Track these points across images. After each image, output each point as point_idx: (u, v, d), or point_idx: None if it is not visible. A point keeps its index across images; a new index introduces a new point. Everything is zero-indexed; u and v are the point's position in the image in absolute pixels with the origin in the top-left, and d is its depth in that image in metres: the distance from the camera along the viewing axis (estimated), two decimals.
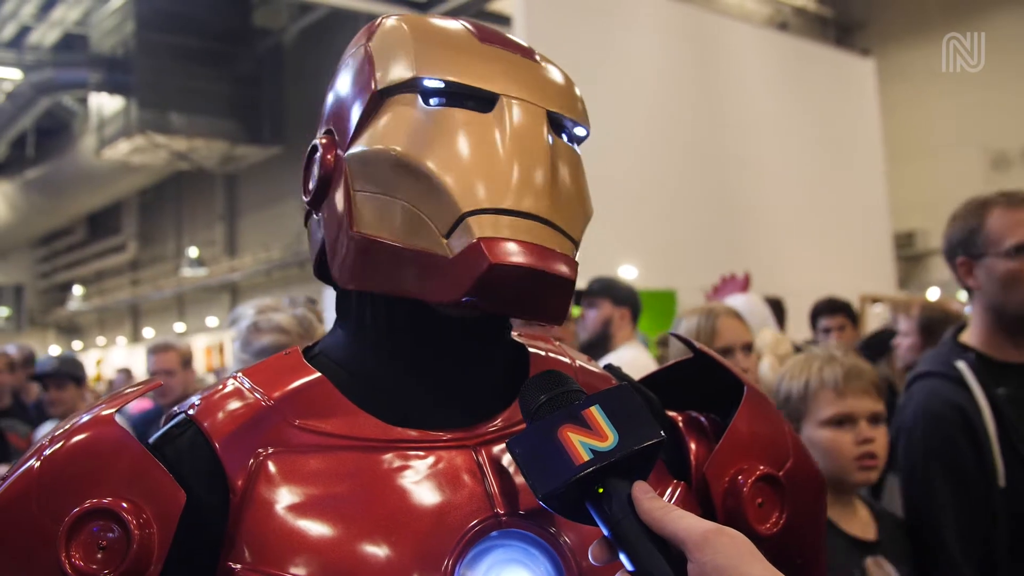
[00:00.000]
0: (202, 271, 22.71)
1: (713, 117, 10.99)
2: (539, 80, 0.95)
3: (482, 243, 0.83)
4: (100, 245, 28.68)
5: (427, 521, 0.87)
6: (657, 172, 10.05)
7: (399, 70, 0.92)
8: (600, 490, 0.80)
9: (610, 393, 0.84)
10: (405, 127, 0.90)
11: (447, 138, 0.88)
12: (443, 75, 0.90)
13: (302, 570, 0.83)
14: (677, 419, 1.12)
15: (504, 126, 0.89)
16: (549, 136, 0.91)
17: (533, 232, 0.86)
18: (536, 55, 0.98)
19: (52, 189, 23.20)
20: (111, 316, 29.89)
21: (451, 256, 0.85)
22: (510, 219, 0.86)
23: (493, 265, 0.83)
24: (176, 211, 26.10)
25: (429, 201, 0.87)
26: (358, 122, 0.93)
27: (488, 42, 0.95)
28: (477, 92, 0.91)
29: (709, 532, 0.74)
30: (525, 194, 0.87)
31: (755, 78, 11.79)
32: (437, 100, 0.91)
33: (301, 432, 0.90)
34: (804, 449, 1.15)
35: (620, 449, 0.80)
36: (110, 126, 19.09)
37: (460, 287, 0.85)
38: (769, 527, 1.03)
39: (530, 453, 0.81)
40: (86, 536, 0.82)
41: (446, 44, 0.94)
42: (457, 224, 0.85)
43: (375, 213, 0.90)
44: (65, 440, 0.88)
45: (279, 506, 0.86)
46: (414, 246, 0.87)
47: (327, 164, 0.95)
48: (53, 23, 19.02)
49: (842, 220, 11.99)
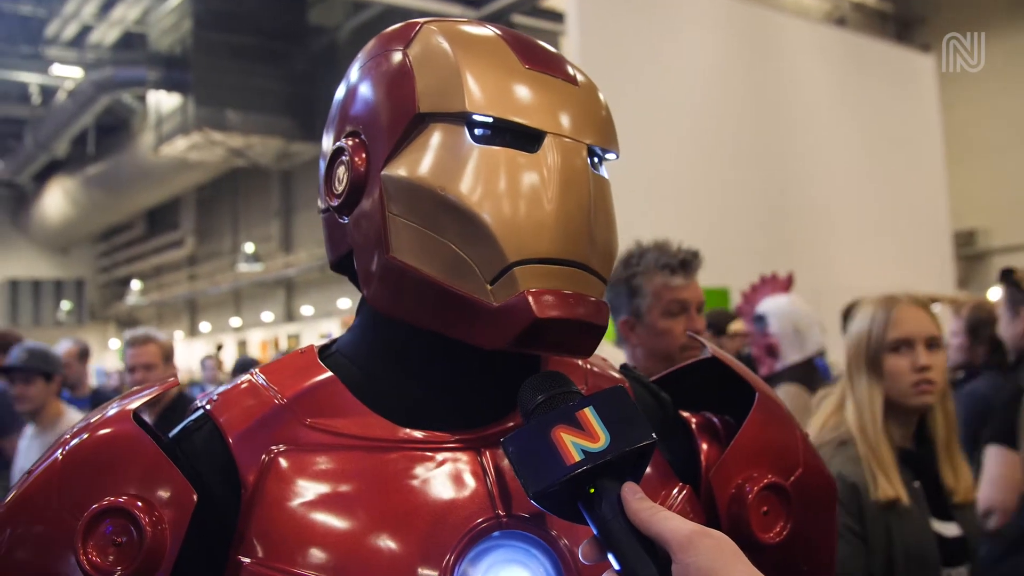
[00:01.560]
0: (258, 266, 22.96)
1: (768, 114, 10.88)
2: (581, 110, 0.95)
3: (529, 296, 0.85)
4: (158, 241, 29.13)
5: (430, 520, 0.89)
6: (711, 169, 9.97)
7: (446, 98, 0.91)
8: (592, 490, 0.81)
9: (604, 395, 0.86)
10: (451, 164, 0.89)
11: (494, 180, 0.88)
12: (492, 111, 0.90)
13: (308, 565, 0.86)
14: (691, 420, 1.12)
15: (550, 168, 0.90)
16: (589, 174, 0.92)
17: (573, 280, 0.89)
18: (577, 77, 0.98)
19: (112, 185, 23.60)
20: (169, 310, 30.36)
21: (496, 305, 0.87)
22: (553, 268, 0.88)
23: (538, 319, 0.85)
24: (232, 207, 26.42)
25: (475, 246, 0.88)
26: (396, 141, 0.93)
27: (533, 66, 0.94)
28: (524, 128, 0.90)
29: (694, 534, 0.75)
30: (568, 241, 0.89)
31: (812, 75, 11.64)
32: (483, 132, 0.90)
33: (312, 431, 0.93)
34: (816, 457, 1.14)
35: (611, 450, 0.81)
36: (168, 123, 19.37)
37: (504, 337, 0.87)
38: (772, 536, 1.04)
39: (523, 452, 0.83)
40: (101, 533, 0.85)
41: (493, 71, 0.92)
42: (503, 273, 0.87)
43: (415, 244, 0.91)
44: (86, 435, 0.91)
45: (288, 503, 0.89)
46: (457, 288, 0.88)
47: (358, 172, 0.95)
48: (113, 22, 19.34)
49: (900, 218, 11.81)
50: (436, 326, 0.92)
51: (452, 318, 0.90)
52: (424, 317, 0.93)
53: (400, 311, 0.95)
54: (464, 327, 0.90)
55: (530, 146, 0.90)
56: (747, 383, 1.12)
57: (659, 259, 2.48)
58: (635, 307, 2.49)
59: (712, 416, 1.13)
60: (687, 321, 2.46)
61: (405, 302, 0.93)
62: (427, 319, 0.92)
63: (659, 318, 2.46)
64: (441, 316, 0.91)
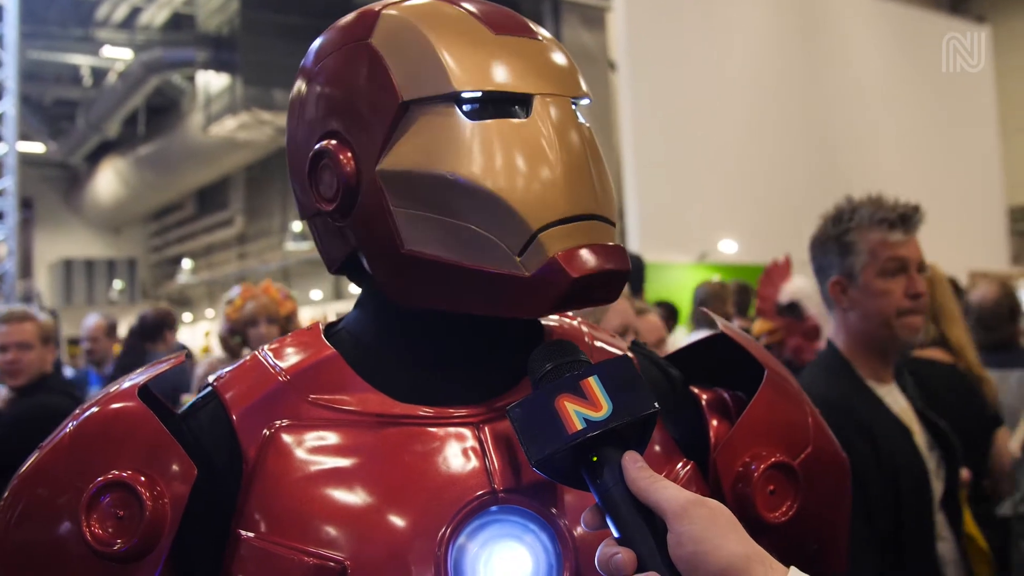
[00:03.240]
0: (305, 245, 23.13)
1: (819, 88, 10.73)
2: (554, 65, 0.96)
3: (560, 259, 0.87)
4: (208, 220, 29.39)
5: (427, 494, 0.90)
6: (760, 145, 9.87)
7: (429, 82, 0.91)
8: (595, 459, 0.82)
9: (609, 364, 0.87)
10: (452, 145, 0.89)
11: (497, 153, 0.88)
12: (479, 85, 0.90)
13: (307, 538, 0.87)
14: (701, 396, 1.12)
15: (546, 129, 0.90)
16: (581, 125, 0.94)
17: (594, 233, 0.91)
18: (536, 32, 0.98)
19: (162, 166, 23.83)
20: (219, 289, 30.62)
21: (528, 275, 0.87)
22: (572, 226, 0.89)
23: (574, 279, 0.86)
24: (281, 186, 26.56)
25: (495, 222, 0.88)
26: (385, 134, 0.92)
27: (502, 31, 0.94)
28: (512, 96, 0.91)
29: (689, 502, 0.76)
30: (579, 196, 0.90)
31: (864, 47, 11.46)
32: (471, 107, 0.90)
33: (313, 407, 0.95)
34: (827, 434, 1.14)
35: (613, 419, 0.82)
36: (216, 103, 19.51)
37: (545, 303, 0.88)
38: (778, 515, 1.03)
39: (527, 420, 0.84)
40: (104, 506, 0.88)
41: (466, 45, 0.92)
42: (530, 242, 0.87)
43: (429, 233, 0.90)
44: (95, 410, 0.95)
45: (287, 477, 0.91)
46: (486, 267, 0.88)
47: (350, 173, 0.93)
48: (162, 4, 19.50)
49: (953, 194, 11.62)
50: (473, 309, 0.93)
51: (486, 298, 0.91)
52: (456, 303, 0.93)
53: (427, 302, 0.95)
54: (503, 304, 0.90)
55: (521, 111, 0.91)
56: (756, 360, 1.11)
57: (874, 214, 2.29)
58: (847, 266, 2.30)
59: (724, 393, 1.13)
60: (907, 282, 2.26)
61: (431, 292, 0.94)
62: (460, 304, 0.93)
63: (875, 278, 2.26)
64: (474, 299, 0.91)
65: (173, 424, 0.95)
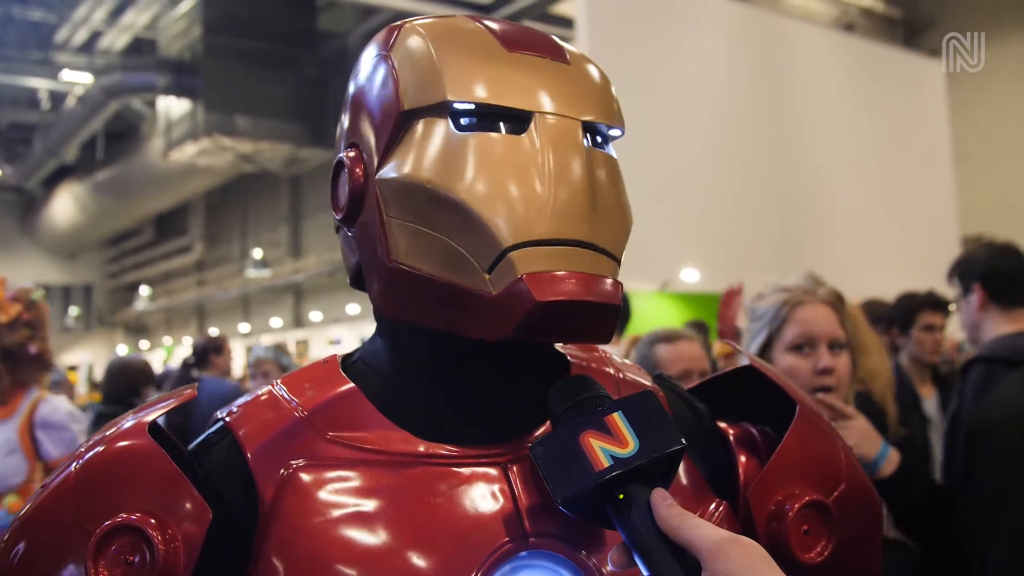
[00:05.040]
0: (266, 272, 22.99)
1: (778, 119, 10.86)
2: (572, 87, 0.91)
3: (526, 280, 0.82)
4: (167, 246, 29.18)
5: (455, 539, 0.86)
6: (721, 175, 9.96)
7: (427, 91, 0.88)
8: (621, 496, 0.80)
9: (633, 400, 0.84)
10: (437, 156, 0.86)
11: (482, 167, 0.85)
12: (473, 96, 0.87)
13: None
14: (728, 432, 1.09)
15: (540, 147, 0.86)
16: (586, 150, 0.88)
17: (576, 260, 0.84)
18: (567, 54, 0.94)
19: (121, 191, 23.64)
20: (177, 316, 30.40)
21: (495, 294, 0.83)
22: (552, 249, 0.84)
23: (539, 303, 0.81)
24: (241, 213, 26.46)
25: (469, 236, 0.84)
26: (386, 143, 0.90)
27: (516, 48, 0.91)
28: (510, 111, 0.87)
29: (723, 541, 0.74)
30: (566, 220, 0.84)
31: (821, 80, 11.63)
32: (468, 120, 0.87)
33: (332, 444, 0.90)
34: (860, 471, 1.10)
35: (640, 456, 0.80)
36: (177, 129, 19.41)
37: (506, 325, 0.83)
38: (813, 556, 1.00)
39: (551, 458, 0.81)
40: (113, 551, 0.83)
41: (472, 57, 0.89)
42: (499, 260, 0.83)
43: (412, 244, 0.88)
44: (101, 448, 0.89)
45: (307, 520, 0.86)
46: (456, 282, 0.85)
47: (356, 182, 0.93)
48: (123, 28, 19.42)
49: (909, 223, 11.79)
50: (440, 324, 0.89)
51: (454, 314, 0.87)
52: (428, 317, 0.90)
53: (406, 315, 0.92)
54: (467, 321, 0.87)
55: (518, 128, 0.87)
56: (787, 394, 1.07)
57: None
58: None
59: (751, 428, 1.09)
60: None
61: (410, 305, 0.91)
62: (431, 318, 0.90)
63: None
64: (444, 313, 0.88)
65: (184, 462, 0.90)
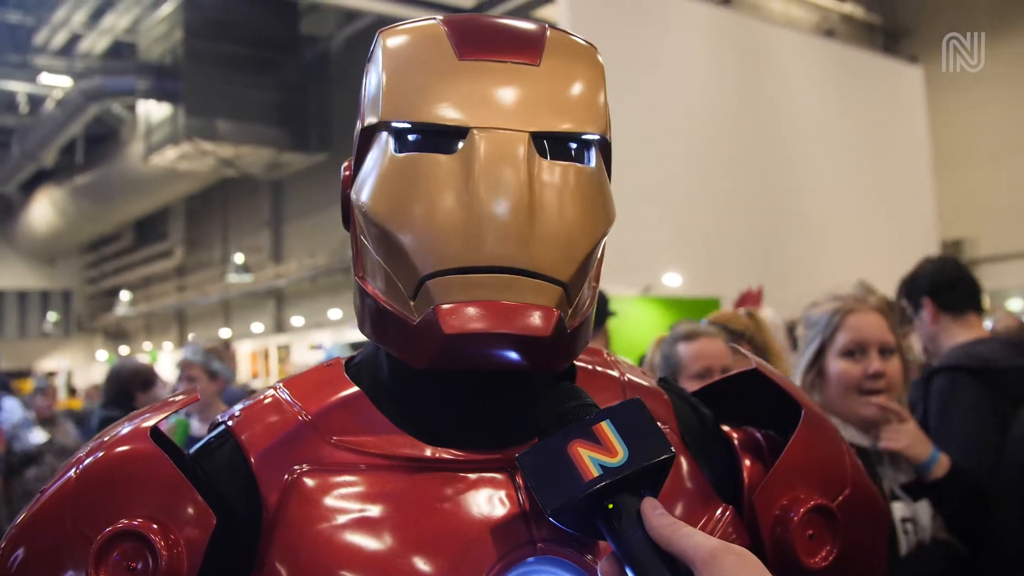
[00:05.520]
0: (248, 277, 22.87)
1: (759, 125, 10.90)
2: (528, 94, 0.87)
3: (438, 312, 0.80)
4: (147, 251, 28.99)
5: (461, 545, 0.85)
6: (702, 180, 9.99)
7: (375, 111, 0.89)
8: (610, 506, 0.79)
9: (621, 408, 0.83)
10: (375, 179, 0.87)
11: (409, 192, 0.84)
12: (407, 115, 0.86)
13: None
14: (733, 436, 1.08)
15: (471, 167, 0.83)
16: (529, 164, 0.84)
17: (498, 287, 0.81)
18: (540, 53, 0.90)
19: (100, 195, 23.49)
20: (158, 322, 30.22)
21: (415, 323, 0.83)
22: (472, 277, 0.81)
23: (447, 336, 0.80)
24: (222, 217, 26.34)
25: (396, 262, 0.85)
26: (355, 159, 0.92)
27: (471, 55, 0.88)
28: (446, 129, 0.85)
29: (717, 550, 0.73)
30: (491, 245, 0.81)
31: (802, 86, 11.69)
32: (414, 137, 0.86)
33: (337, 449, 0.89)
34: (864, 475, 1.09)
35: (630, 465, 0.79)
36: (157, 133, 19.30)
37: (425, 355, 0.84)
38: (819, 560, 0.99)
39: (539, 468, 0.81)
40: (115, 558, 0.81)
41: (416, 72, 0.88)
42: (419, 288, 0.83)
43: (367, 264, 0.90)
44: (101, 453, 0.88)
45: (312, 525, 0.85)
46: (391, 306, 0.86)
47: (344, 193, 0.95)
48: (103, 31, 19.28)
49: (889, 227, 11.86)
50: (386, 346, 0.91)
51: (391, 337, 0.88)
52: (379, 338, 0.91)
53: (367, 332, 0.93)
54: (400, 346, 0.87)
55: (453, 146, 0.84)
56: (792, 398, 1.07)
57: None
58: None
59: (756, 432, 1.09)
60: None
61: (367, 323, 0.92)
62: (381, 340, 0.91)
63: None
64: (385, 335, 0.89)
65: (186, 467, 0.88)
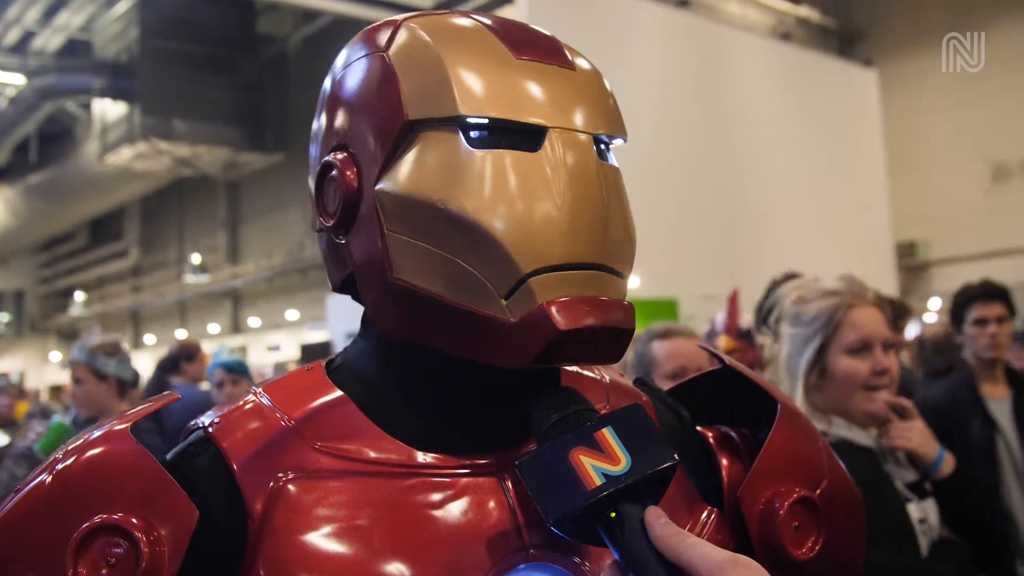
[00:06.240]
0: (204, 278, 22.67)
1: (716, 127, 10.99)
2: (581, 97, 0.88)
3: (548, 308, 0.79)
4: (102, 251, 28.68)
5: (451, 552, 0.84)
6: (659, 182, 10.05)
7: (435, 102, 0.84)
8: (612, 514, 0.77)
9: (623, 414, 0.81)
10: (448, 172, 0.83)
11: (497, 186, 0.81)
12: (486, 111, 0.83)
13: None
14: (708, 436, 1.08)
15: (555, 167, 0.83)
16: (598, 165, 0.85)
17: (593, 284, 0.83)
18: (570, 59, 0.91)
19: (54, 194, 23.20)
20: (113, 322, 29.86)
21: (514, 321, 0.80)
22: (570, 275, 0.81)
23: (561, 332, 0.79)
24: (178, 217, 26.10)
25: (484, 260, 0.81)
26: (387, 152, 0.86)
27: (525, 54, 0.87)
28: (524, 127, 0.84)
29: (726, 562, 0.72)
30: (582, 243, 0.82)
31: (758, 88, 11.80)
32: (479, 134, 0.84)
33: (322, 455, 0.87)
34: (839, 466, 1.10)
35: (633, 473, 0.77)
36: (113, 132, 19.10)
37: (527, 354, 0.81)
38: (805, 552, 0.99)
39: (540, 476, 0.78)
40: (94, 552, 0.80)
41: (482, 66, 0.85)
42: (518, 286, 0.80)
43: (420, 263, 0.84)
44: (78, 455, 0.86)
45: (299, 534, 0.83)
46: (470, 307, 0.82)
47: (351, 188, 0.88)
48: (57, 28, 19.05)
49: (844, 230, 12.00)
50: (453, 349, 0.86)
51: (468, 339, 0.84)
52: (439, 340, 0.86)
53: (412, 336, 0.89)
54: (483, 347, 0.83)
55: (532, 144, 0.84)
56: (767, 394, 1.07)
57: None
58: None
59: (729, 430, 1.09)
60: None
61: (416, 326, 0.88)
62: (442, 342, 0.86)
63: None
64: (456, 338, 0.85)
65: (167, 466, 0.86)
